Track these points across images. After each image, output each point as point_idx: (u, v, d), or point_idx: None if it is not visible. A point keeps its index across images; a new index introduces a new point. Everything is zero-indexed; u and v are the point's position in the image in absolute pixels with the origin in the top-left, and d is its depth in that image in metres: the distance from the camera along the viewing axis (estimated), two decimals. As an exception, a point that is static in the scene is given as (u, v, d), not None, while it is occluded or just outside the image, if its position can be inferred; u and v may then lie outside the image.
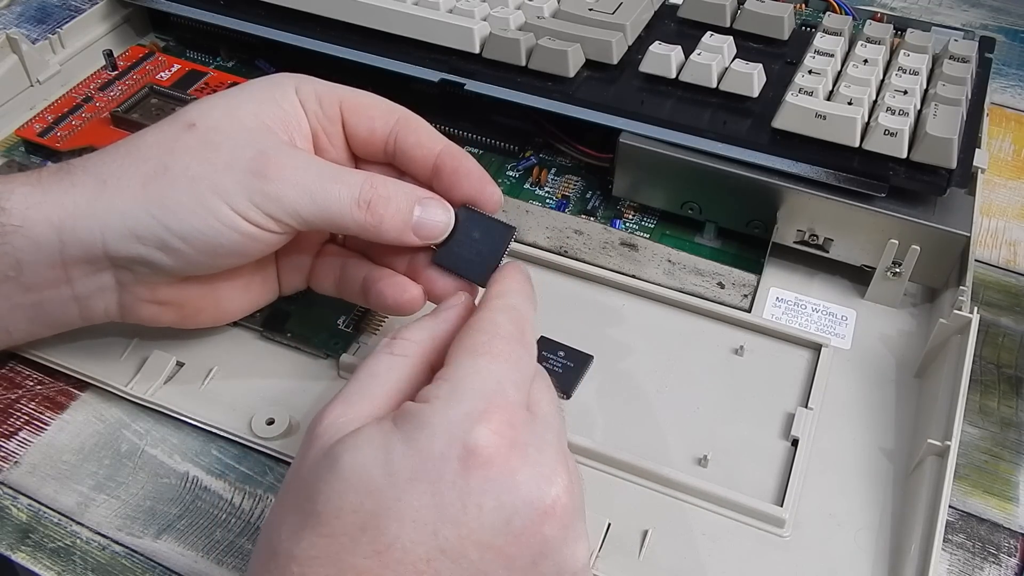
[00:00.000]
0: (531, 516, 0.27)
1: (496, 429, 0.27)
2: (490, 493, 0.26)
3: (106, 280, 0.35)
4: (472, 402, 0.27)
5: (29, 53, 0.52)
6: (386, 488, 0.26)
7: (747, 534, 0.36)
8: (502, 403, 0.28)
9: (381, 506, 0.26)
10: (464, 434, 0.27)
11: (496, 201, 0.36)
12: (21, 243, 0.34)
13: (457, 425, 0.27)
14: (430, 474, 0.26)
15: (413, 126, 0.37)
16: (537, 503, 0.27)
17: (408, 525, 0.26)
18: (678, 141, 0.44)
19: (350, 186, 0.34)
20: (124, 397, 0.39)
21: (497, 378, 0.28)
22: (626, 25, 0.48)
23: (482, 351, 0.29)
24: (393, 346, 0.31)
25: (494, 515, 0.26)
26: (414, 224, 0.34)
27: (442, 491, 0.26)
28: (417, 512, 0.26)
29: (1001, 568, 0.36)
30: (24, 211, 0.33)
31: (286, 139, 0.35)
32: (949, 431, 0.35)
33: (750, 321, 0.42)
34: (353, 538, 0.26)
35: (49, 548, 0.35)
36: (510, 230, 0.36)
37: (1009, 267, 0.48)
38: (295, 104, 0.36)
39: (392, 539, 0.26)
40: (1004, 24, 0.65)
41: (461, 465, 0.26)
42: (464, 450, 0.26)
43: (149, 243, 0.33)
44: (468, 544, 0.26)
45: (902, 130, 0.41)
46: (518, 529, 0.27)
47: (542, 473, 0.27)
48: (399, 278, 0.36)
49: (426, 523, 0.26)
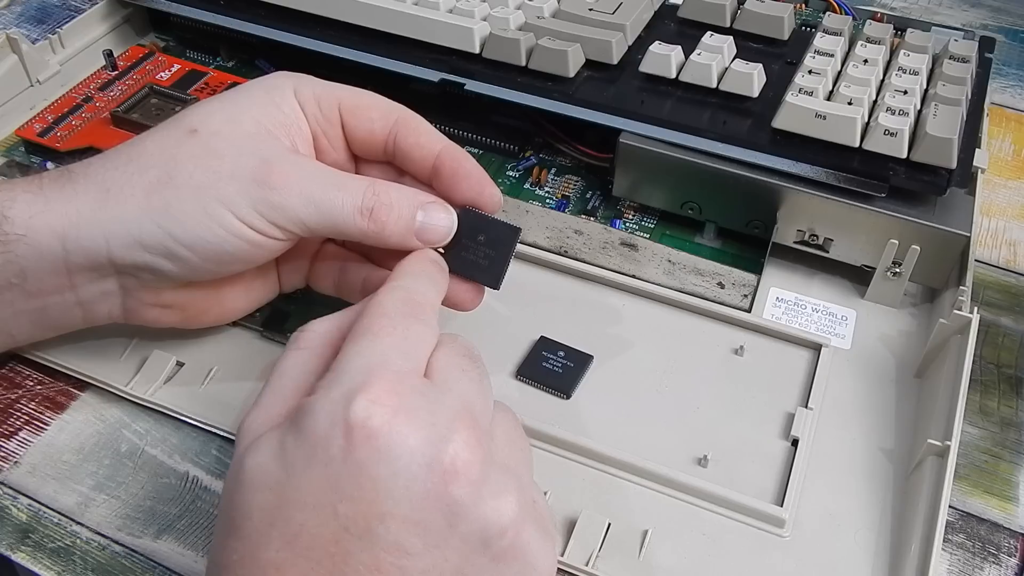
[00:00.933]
0: (431, 478, 0.26)
1: (375, 398, 0.27)
2: (381, 463, 0.26)
3: (110, 286, 0.35)
4: (352, 379, 0.27)
5: (29, 53, 0.52)
6: (284, 480, 0.27)
7: (747, 534, 0.36)
8: (384, 373, 0.27)
9: (282, 498, 0.26)
10: (345, 410, 0.26)
11: (496, 202, 0.36)
12: (24, 251, 0.34)
13: (337, 403, 0.27)
14: (320, 457, 0.26)
15: (412, 126, 0.37)
16: (435, 464, 0.26)
17: (309, 511, 0.26)
18: (678, 141, 0.44)
19: (352, 194, 0.33)
20: (124, 397, 0.39)
21: (381, 351, 0.28)
22: (626, 25, 0.48)
23: (363, 331, 0.29)
24: (298, 340, 0.31)
25: (390, 483, 0.26)
26: (417, 229, 0.34)
27: (334, 471, 0.26)
28: (315, 496, 0.26)
29: (1001, 568, 0.36)
30: (27, 220, 0.33)
31: (288, 144, 0.35)
32: (949, 431, 0.35)
33: (750, 321, 0.42)
34: (264, 534, 0.26)
35: (49, 548, 0.35)
36: (516, 231, 0.36)
37: (1009, 267, 0.48)
38: (295, 107, 0.36)
39: (298, 528, 0.26)
40: (1004, 24, 0.65)
41: (346, 441, 0.26)
42: (347, 425, 0.26)
43: (154, 251, 0.33)
44: (370, 518, 0.26)
45: (902, 130, 0.41)
46: (421, 493, 0.26)
47: (436, 433, 0.27)
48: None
49: (324, 505, 0.26)
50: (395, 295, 0.31)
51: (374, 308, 0.30)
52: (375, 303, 0.30)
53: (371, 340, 0.29)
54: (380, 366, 0.28)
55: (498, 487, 0.27)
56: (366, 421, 0.26)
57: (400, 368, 0.28)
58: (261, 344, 0.41)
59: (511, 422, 0.32)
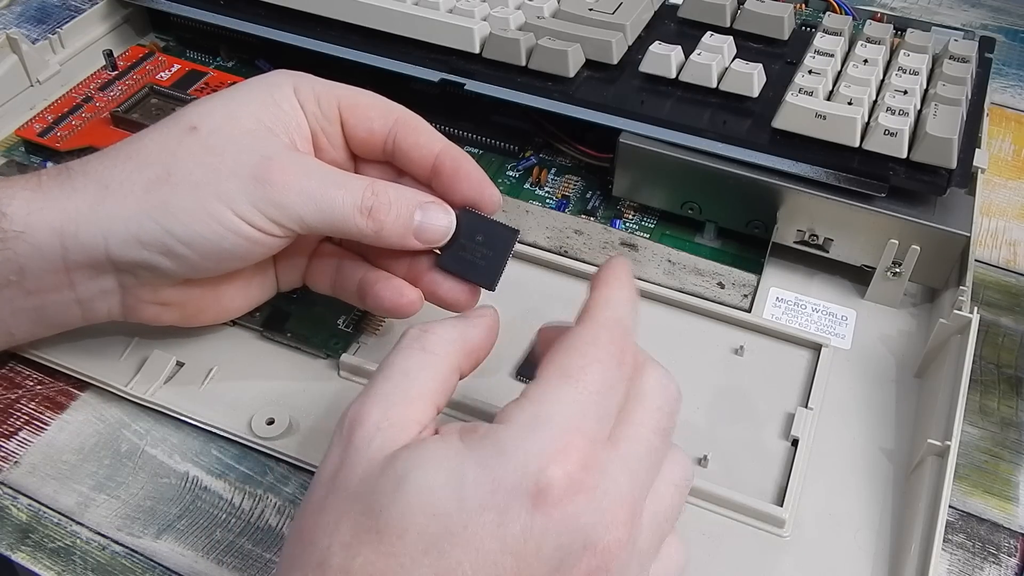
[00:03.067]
0: (582, 558, 0.26)
1: (569, 472, 0.26)
2: (551, 533, 0.26)
3: (109, 283, 0.35)
4: (551, 434, 0.26)
5: (29, 53, 0.52)
6: (454, 513, 0.26)
7: (747, 534, 0.36)
8: (580, 442, 0.27)
9: (447, 530, 0.25)
10: (538, 471, 0.26)
11: (495, 203, 0.36)
12: (23, 249, 0.33)
13: (534, 459, 0.26)
14: (499, 505, 0.26)
15: (412, 126, 0.37)
16: (589, 547, 0.26)
17: (472, 553, 0.25)
18: (678, 141, 0.44)
19: (352, 192, 0.33)
20: (124, 397, 0.39)
21: (582, 410, 0.27)
22: (626, 25, 0.48)
23: (574, 376, 0.28)
24: (424, 341, 0.30)
25: (552, 552, 0.26)
26: (415, 229, 0.34)
27: (507, 523, 0.26)
28: (482, 541, 0.25)
29: (1001, 568, 0.36)
30: (25, 217, 0.33)
31: (287, 141, 0.35)
32: (949, 431, 0.35)
33: (750, 321, 0.42)
34: (415, 560, 0.25)
35: (49, 548, 0.35)
36: (514, 233, 0.36)
37: (1009, 267, 0.48)
38: (295, 105, 0.36)
39: (455, 564, 0.25)
40: (1004, 24, 0.65)
41: (531, 501, 0.26)
42: (536, 487, 0.26)
43: (153, 248, 0.33)
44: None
45: (902, 130, 0.41)
46: (567, 568, 0.26)
47: (602, 520, 0.26)
48: (396, 281, 0.36)
49: (488, 552, 0.25)
50: (610, 333, 0.29)
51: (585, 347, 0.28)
52: (590, 339, 0.29)
53: (578, 392, 0.27)
54: (578, 430, 0.27)
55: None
56: (554, 491, 0.26)
57: (593, 436, 0.27)
58: (261, 344, 0.41)
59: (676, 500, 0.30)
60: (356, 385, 0.40)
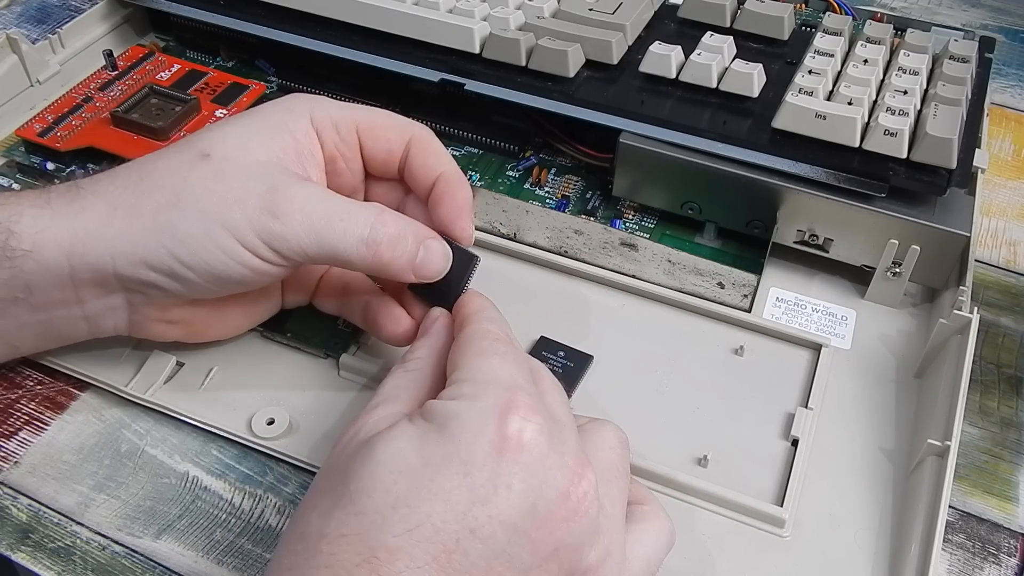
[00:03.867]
0: (557, 504, 0.27)
1: (526, 415, 0.28)
2: (519, 475, 0.27)
3: (117, 301, 0.35)
4: (497, 392, 0.29)
5: (29, 53, 0.52)
6: (419, 469, 0.27)
7: (747, 534, 0.36)
8: (524, 396, 0.29)
9: (413, 485, 0.27)
10: (496, 420, 0.28)
11: (464, 237, 0.36)
12: (31, 267, 0.34)
13: (488, 412, 0.28)
14: (463, 456, 0.27)
15: (423, 145, 0.37)
16: (564, 492, 0.28)
17: (440, 504, 0.27)
18: (678, 141, 0.44)
19: (358, 225, 0.33)
20: (124, 397, 0.39)
21: (511, 373, 0.30)
22: (626, 25, 0.48)
23: (489, 353, 0.31)
24: (406, 364, 0.34)
25: (522, 497, 0.27)
26: (416, 265, 0.35)
27: (473, 472, 0.27)
28: (449, 492, 0.27)
29: (1001, 568, 0.36)
30: (33, 235, 0.33)
31: (299, 171, 0.35)
32: (949, 431, 0.35)
33: (750, 321, 0.42)
34: (384, 516, 0.26)
35: (49, 548, 0.35)
36: (474, 259, 0.36)
37: (1009, 267, 0.48)
38: (309, 133, 0.36)
39: (423, 517, 0.26)
40: (1004, 24, 0.65)
41: (494, 448, 0.27)
42: (499, 435, 0.27)
43: (159, 271, 0.34)
44: (496, 524, 0.27)
45: (902, 130, 0.41)
46: (543, 514, 0.27)
47: (568, 465, 0.28)
48: (397, 311, 0.37)
49: (457, 502, 0.27)
50: (496, 326, 0.33)
51: (485, 334, 0.32)
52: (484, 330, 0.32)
53: (499, 362, 0.30)
54: (516, 388, 0.29)
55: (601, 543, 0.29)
56: (518, 434, 0.28)
57: (532, 393, 0.30)
58: (261, 344, 0.41)
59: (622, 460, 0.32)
60: (356, 385, 0.40)
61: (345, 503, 0.27)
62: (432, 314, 0.36)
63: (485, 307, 0.35)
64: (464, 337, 0.32)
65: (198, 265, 0.33)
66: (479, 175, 0.50)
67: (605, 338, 0.42)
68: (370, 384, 0.40)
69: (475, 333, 0.32)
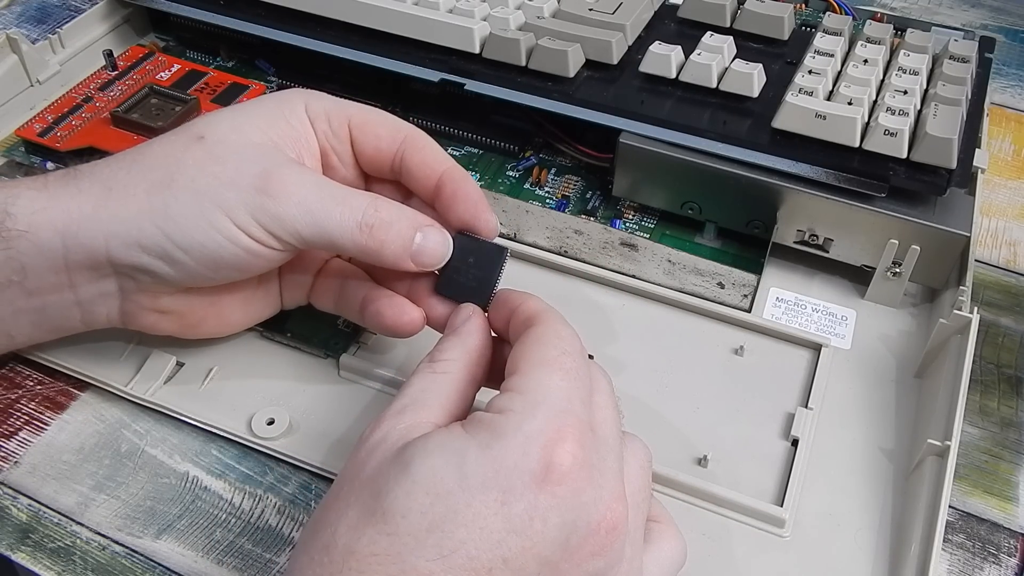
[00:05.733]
0: (587, 539, 0.27)
1: (571, 449, 0.27)
2: (556, 509, 0.27)
3: (109, 287, 0.35)
4: (547, 418, 0.28)
5: (29, 53, 0.52)
6: (457, 492, 0.26)
7: (747, 534, 0.36)
8: (574, 422, 0.28)
9: (450, 510, 0.26)
10: (541, 449, 0.27)
11: (490, 228, 0.36)
12: (26, 248, 0.34)
13: (534, 439, 0.27)
14: (502, 484, 0.26)
15: (419, 145, 0.37)
16: (595, 528, 0.27)
17: (475, 531, 0.26)
18: (678, 141, 0.44)
19: (353, 209, 0.33)
20: (124, 397, 0.39)
21: (568, 395, 0.29)
22: (626, 25, 0.48)
23: (554, 366, 0.29)
24: (434, 365, 0.32)
25: (556, 531, 0.27)
26: (413, 252, 0.34)
27: (511, 502, 0.26)
28: (485, 519, 0.26)
29: (1001, 568, 0.36)
30: (29, 216, 0.34)
31: (294, 156, 0.35)
32: (949, 431, 0.35)
33: (750, 321, 0.42)
34: (418, 539, 0.26)
35: (49, 548, 0.35)
36: (502, 252, 0.35)
37: (1009, 267, 0.48)
38: (304, 122, 0.36)
39: (458, 544, 0.26)
40: (1004, 24, 0.65)
41: (534, 479, 0.27)
42: (540, 465, 0.27)
43: (152, 253, 0.33)
44: (529, 556, 0.26)
45: (902, 130, 0.41)
46: (573, 547, 0.27)
47: (604, 500, 0.28)
48: (398, 299, 0.36)
49: (493, 531, 0.26)
50: (570, 330, 0.31)
51: (556, 340, 0.30)
52: (556, 333, 0.31)
53: (560, 378, 0.29)
54: (569, 412, 0.28)
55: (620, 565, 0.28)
56: (560, 467, 0.27)
57: (583, 419, 0.28)
58: (261, 344, 0.41)
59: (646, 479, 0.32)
60: (356, 385, 0.40)
61: (377, 520, 0.26)
62: (463, 311, 0.34)
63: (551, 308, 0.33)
64: (533, 337, 0.31)
65: (191, 246, 0.33)
66: (479, 175, 0.50)
67: (605, 338, 0.42)
68: (370, 384, 0.40)
69: (545, 336, 0.31)
